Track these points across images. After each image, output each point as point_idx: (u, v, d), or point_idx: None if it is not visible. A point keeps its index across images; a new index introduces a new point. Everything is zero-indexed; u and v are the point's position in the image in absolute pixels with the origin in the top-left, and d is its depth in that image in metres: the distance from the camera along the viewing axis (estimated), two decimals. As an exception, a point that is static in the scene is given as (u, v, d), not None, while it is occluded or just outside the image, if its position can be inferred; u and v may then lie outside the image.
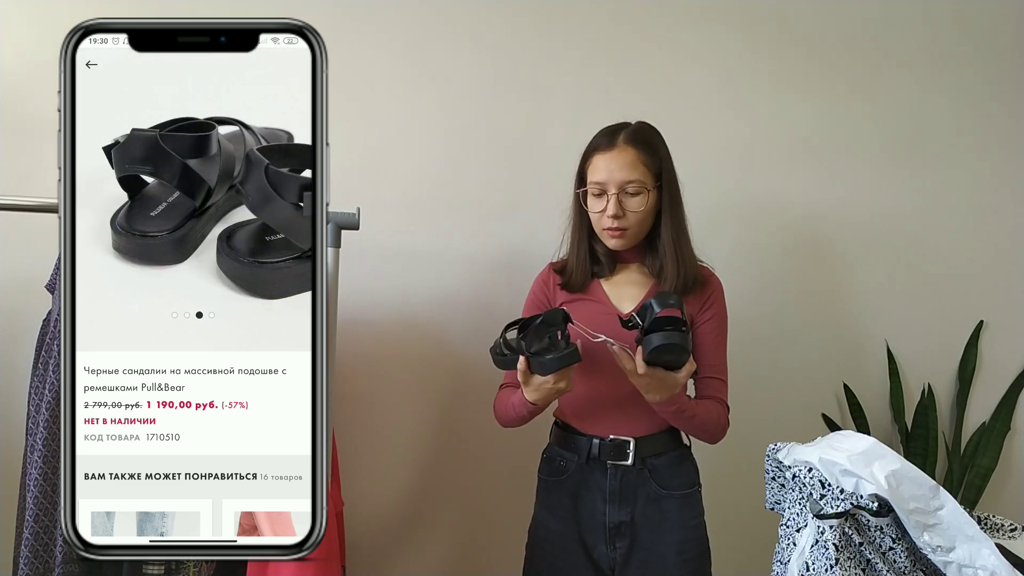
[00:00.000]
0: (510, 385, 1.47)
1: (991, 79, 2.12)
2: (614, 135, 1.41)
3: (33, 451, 1.29)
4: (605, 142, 1.41)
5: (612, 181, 1.38)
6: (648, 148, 1.40)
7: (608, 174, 1.38)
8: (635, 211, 1.38)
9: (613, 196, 1.37)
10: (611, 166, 1.38)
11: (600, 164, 1.40)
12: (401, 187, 1.85)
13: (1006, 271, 2.15)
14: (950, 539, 1.09)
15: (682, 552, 1.41)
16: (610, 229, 1.40)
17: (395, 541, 1.89)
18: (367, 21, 1.83)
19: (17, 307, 1.62)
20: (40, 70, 1.65)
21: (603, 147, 1.41)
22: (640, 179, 1.38)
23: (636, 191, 1.38)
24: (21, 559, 1.28)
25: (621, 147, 1.39)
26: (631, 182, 1.37)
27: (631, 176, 1.37)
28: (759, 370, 2.02)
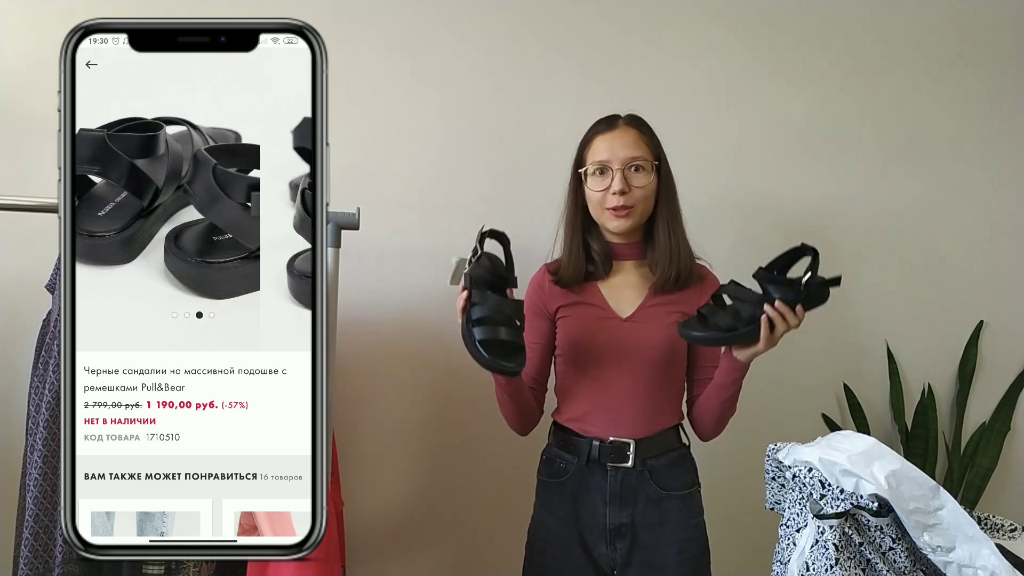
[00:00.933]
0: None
1: (991, 79, 2.12)
2: (613, 118, 1.44)
3: (33, 451, 1.29)
4: (604, 126, 1.43)
5: (616, 158, 1.38)
6: (647, 131, 1.43)
7: (611, 152, 1.39)
8: (640, 187, 1.39)
9: (618, 172, 1.38)
10: (614, 145, 1.39)
11: (601, 145, 1.41)
12: (401, 187, 1.85)
13: (1006, 271, 2.15)
14: (950, 539, 1.09)
15: (682, 552, 1.41)
16: (615, 208, 1.39)
17: (395, 541, 1.89)
18: (367, 21, 1.83)
19: (17, 307, 1.62)
20: (40, 70, 1.65)
21: (603, 129, 1.42)
22: (644, 156, 1.40)
23: (641, 166, 1.39)
24: (21, 559, 1.28)
25: (623, 127, 1.41)
26: (635, 158, 1.39)
27: (635, 152, 1.39)
28: (759, 370, 1.99)
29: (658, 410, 1.43)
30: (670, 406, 1.45)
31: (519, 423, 1.48)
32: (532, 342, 1.49)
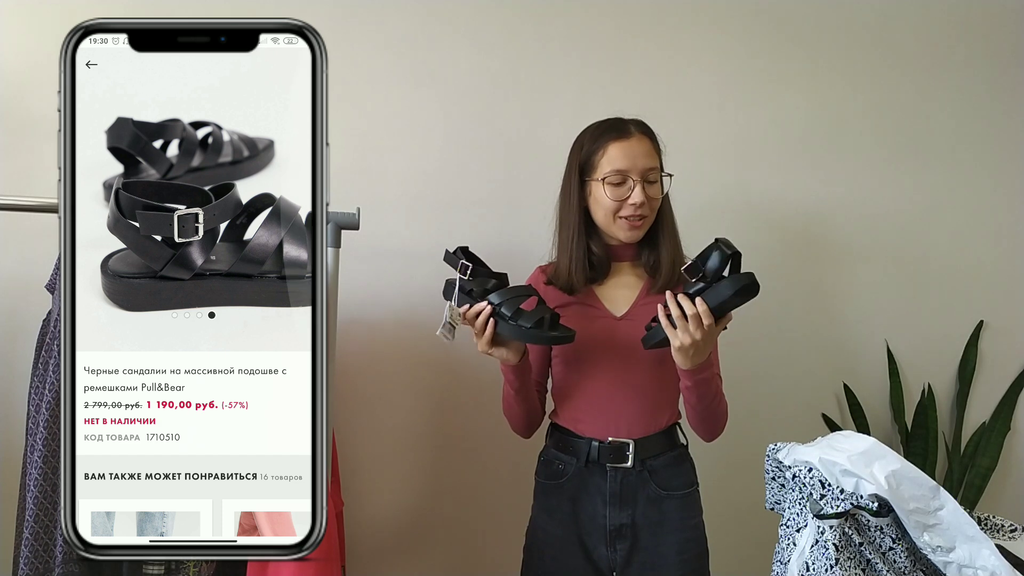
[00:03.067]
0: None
1: (991, 79, 2.12)
2: (623, 124, 1.41)
3: (33, 451, 1.29)
4: (616, 133, 1.39)
5: (635, 168, 1.37)
6: (656, 140, 1.43)
7: (631, 161, 1.37)
8: (656, 198, 1.39)
9: (638, 183, 1.37)
10: (634, 152, 1.37)
11: (618, 153, 1.38)
12: (401, 187, 1.85)
13: (1006, 271, 2.15)
14: (950, 539, 1.09)
15: (682, 552, 1.41)
16: (631, 217, 1.38)
17: (395, 541, 1.89)
18: (367, 21, 1.83)
19: (17, 307, 1.62)
20: (40, 70, 1.65)
21: (617, 136, 1.39)
22: (657, 167, 1.40)
23: (655, 179, 1.39)
24: (21, 559, 1.28)
25: (638, 136, 1.39)
26: (652, 169, 1.38)
27: (651, 163, 1.39)
28: (759, 370, 2.02)
29: (656, 409, 1.43)
30: (667, 405, 1.45)
31: (524, 423, 1.48)
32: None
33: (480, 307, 1.31)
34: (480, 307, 1.31)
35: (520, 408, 1.44)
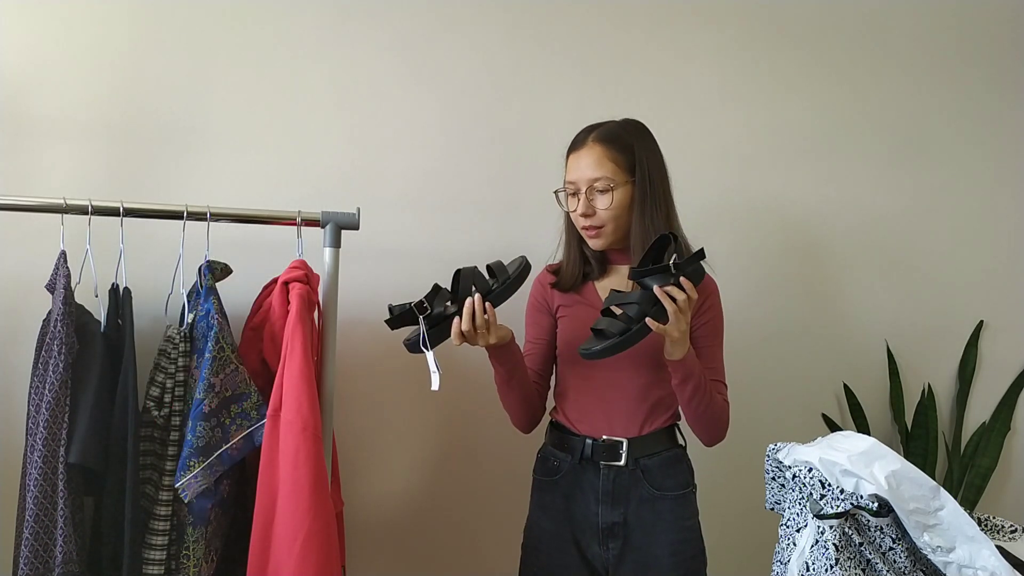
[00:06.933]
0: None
1: (991, 79, 2.12)
2: (587, 134, 1.43)
3: (33, 451, 1.29)
4: (573, 144, 1.44)
5: (582, 179, 1.40)
6: (618, 145, 1.40)
7: (578, 172, 1.41)
8: (603, 208, 1.39)
9: (583, 195, 1.39)
10: (580, 164, 1.41)
11: (572, 164, 1.43)
12: (401, 187, 1.85)
13: (1006, 271, 2.15)
14: (950, 539, 1.09)
15: (676, 553, 1.41)
16: (585, 228, 1.42)
17: (395, 541, 1.89)
18: (367, 21, 1.82)
19: (17, 307, 1.62)
20: (40, 70, 1.65)
21: (573, 147, 1.44)
22: (607, 176, 1.38)
23: (603, 188, 1.39)
24: (21, 559, 1.28)
25: (589, 145, 1.41)
26: (597, 179, 1.39)
27: (596, 173, 1.39)
28: (759, 370, 2.01)
29: (652, 410, 1.43)
30: (664, 406, 1.44)
31: (522, 415, 1.48)
32: (535, 338, 1.51)
33: (469, 307, 1.31)
34: (469, 307, 1.31)
35: (512, 397, 1.45)
